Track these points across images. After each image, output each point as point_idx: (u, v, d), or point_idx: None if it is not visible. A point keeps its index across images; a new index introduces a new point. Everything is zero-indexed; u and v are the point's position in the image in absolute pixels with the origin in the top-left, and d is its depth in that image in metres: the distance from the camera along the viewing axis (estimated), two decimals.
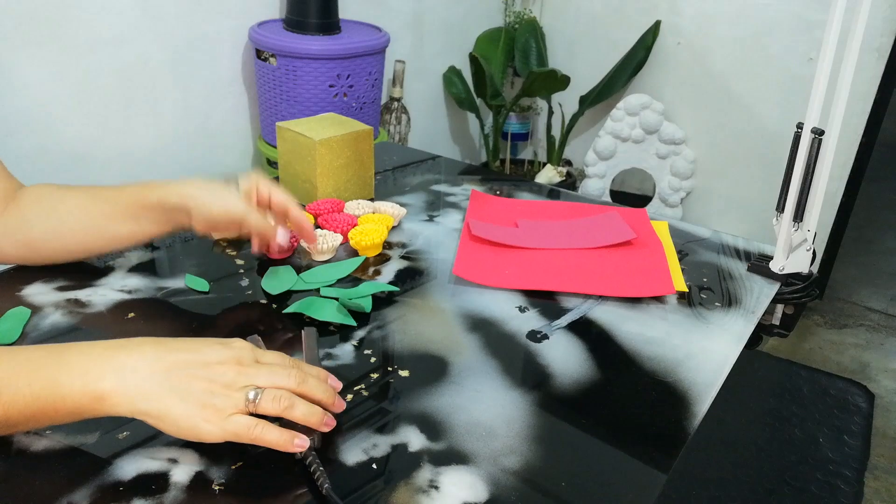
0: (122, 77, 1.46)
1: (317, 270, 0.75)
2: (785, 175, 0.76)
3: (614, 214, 0.90)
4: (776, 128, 2.06)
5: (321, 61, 1.55)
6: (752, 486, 1.48)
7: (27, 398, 0.45)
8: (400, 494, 0.47)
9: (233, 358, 0.49)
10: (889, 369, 1.92)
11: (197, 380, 0.47)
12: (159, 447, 0.50)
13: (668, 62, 2.21)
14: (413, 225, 0.89)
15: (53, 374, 0.46)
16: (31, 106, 1.35)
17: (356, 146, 0.90)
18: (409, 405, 0.56)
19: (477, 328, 0.67)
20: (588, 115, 2.34)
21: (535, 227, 0.87)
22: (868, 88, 1.88)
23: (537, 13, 2.42)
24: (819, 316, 2.15)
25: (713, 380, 0.61)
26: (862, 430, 1.67)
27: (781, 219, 0.77)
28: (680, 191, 2.27)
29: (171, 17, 1.50)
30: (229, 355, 0.49)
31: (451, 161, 1.13)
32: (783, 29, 1.96)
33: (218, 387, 0.47)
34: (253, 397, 0.47)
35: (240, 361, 0.49)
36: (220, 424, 0.46)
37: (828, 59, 0.70)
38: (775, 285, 0.78)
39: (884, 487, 1.53)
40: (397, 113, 2.06)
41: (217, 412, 0.46)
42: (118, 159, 1.51)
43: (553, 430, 0.54)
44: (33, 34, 1.31)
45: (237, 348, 0.50)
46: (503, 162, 2.46)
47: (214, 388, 0.47)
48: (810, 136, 0.72)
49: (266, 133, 1.69)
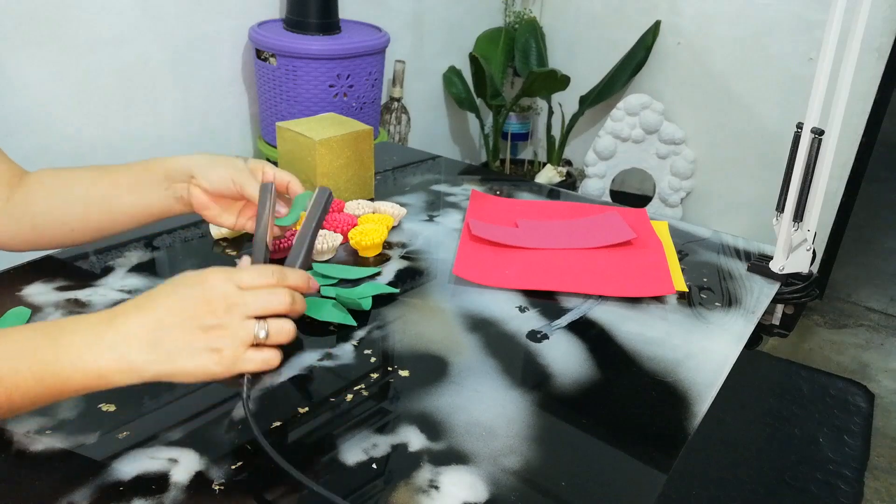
0: (122, 77, 1.46)
1: (328, 266, 0.75)
2: (785, 175, 0.76)
3: (614, 214, 0.90)
4: (776, 128, 2.06)
5: (321, 61, 1.55)
6: (752, 486, 1.48)
7: (29, 382, 0.46)
8: (400, 494, 0.47)
9: (217, 297, 0.49)
10: (889, 369, 1.92)
11: (194, 334, 0.48)
12: (159, 447, 0.50)
13: (668, 62, 2.21)
14: (413, 225, 0.89)
15: (52, 357, 0.46)
16: (32, 106, 1.35)
17: (356, 146, 0.90)
18: (409, 405, 0.56)
19: (477, 328, 0.67)
20: (588, 115, 2.34)
21: (535, 227, 0.87)
22: (868, 88, 1.88)
23: (537, 13, 2.42)
24: (819, 316, 2.15)
25: (713, 380, 0.61)
26: (862, 430, 1.67)
27: (781, 219, 0.77)
28: (680, 191, 2.27)
29: (171, 17, 1.50)
30: (213, 296, 0.49)
31: (451, 161, 1.13)
32: (783, 29, 1.96)
33: (217, 336, 0.48)
34: (264, 336, 0.49)
35: (225, 297, 0.49)
36: (232, 367, 0.48)
37: (828, 59, 0.70)
38: (775, 285, 0.78)
39: (884, 487, 1.53)
40: (397, 113, 2.06)
41: (227, 357, 0.48)
42: (118, 159, 1.50)
43: (553, 430, 0.54)
44: (33, 34, 1.31)
45: (215, 285, 0.49)
46: (503, 162, 2.46)
47: (214, 337, 0.48)
48: (810, 136, 0.72)
49: (266, 133, 1.69)
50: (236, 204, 0.68)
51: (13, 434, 0.51)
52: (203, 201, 0.66)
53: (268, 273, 0.52)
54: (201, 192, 0.65)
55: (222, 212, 0.67)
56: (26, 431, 0.51)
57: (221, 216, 0.67)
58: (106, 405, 0.54)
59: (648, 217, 0.92)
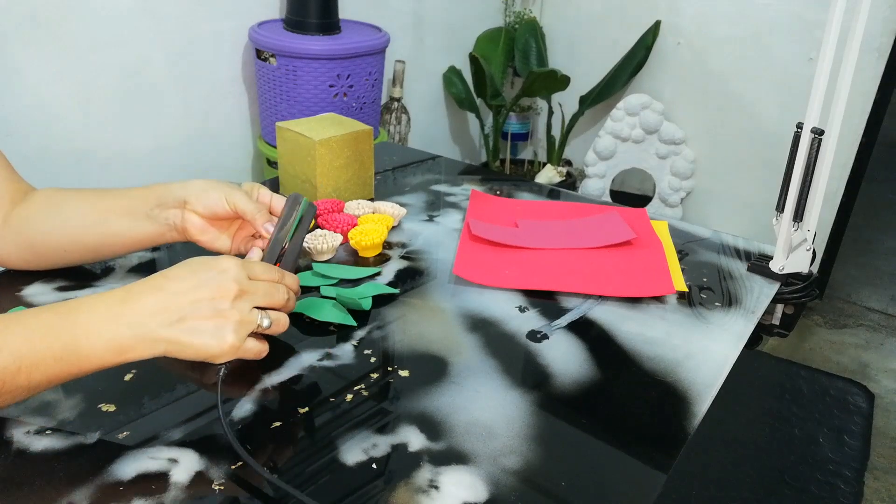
0: (122, 77, 1.46)
1: (328, 266, 0.75)
2: (785, 175, 0.76)
3: (614, 214, 0.90)
4: (776, 128, 2.06)
5: (321, 61, 1.55)
6: (752, 486, 1.48)
7: (49, 361, 0.48)
8: (400, 494, 0.47)
9: (231, 284, 0.53)
10: (889, 369, 1.92)
11: (205, 315, 0.52)
12: (159, 447, 0.50)
13: (668, 62, 2.21)
14: (413, 225, 0.89)
15: (71, 336, 0.49)
16: (32, 106, 1.35)
17: (356, 146, 0.90)
18: (409, 405, 0.56)
19: (477, 328, 0.67)
20: (588, 115, 2.34)
21: (535, 227, 0.87)
22: (868, 88, 1.88)
23: (537, 13, 2.42)
24: (819, 316, 2.15)
25: (713, 380, 0.61)
26: (862, 430, 1.67)
27: (781, 219, 0.77)
28: (680, 191, 2.27)
29: (172, 17, 1.50)
30: (226, 281, 0.53)
31: (451, 161, 1.13)
32: (783, 29, 1.96)
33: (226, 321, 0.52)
34: (267, 325, 0.55)
35: (238, 284, 0.53)
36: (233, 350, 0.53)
37: (828, 59, 0.69)
38: (775, 285, 0.78)
39: (884, 487, 1.53)
40: (397, 113, 2.06)
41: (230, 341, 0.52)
42: (118, 159, 1.51)
43: (553, 430, 0.54)
44: (34, 34, 1.31)
45: (229, 270, 0.54)
46: (503, 162, 2.46)
47: (223, 321, 0.52)
48: (810, 136, 0.72)
49: (266, 133, 1.69)
50: (232, 226, 0.69)
51: (13, 434, 0.51)
52: (199, 226, 0.66)
53: (273, 270, 0.58)
54: (197, 217, 0.66)
55: (218, 236, 0.68)
56: (26, 431, 0.51)
57: (218, 240, 0.67)
58: (106, 405, 0.54)
59: (648, 217, 0.92)
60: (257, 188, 0.69)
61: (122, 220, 0.67)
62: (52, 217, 0.68)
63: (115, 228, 0.68)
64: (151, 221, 0.67)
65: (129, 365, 0.58)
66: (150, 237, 0.68)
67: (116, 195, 0.68)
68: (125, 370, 0.58)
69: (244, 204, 0.65)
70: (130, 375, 0.58)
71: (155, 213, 0.66)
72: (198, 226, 0.66)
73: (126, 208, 0.67)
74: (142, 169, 1.56)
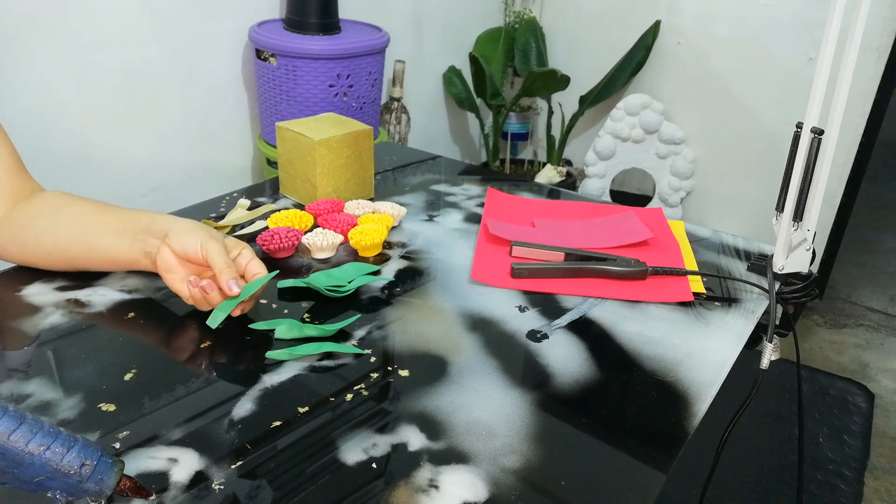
0: (122, 77, 1.46)
1: (326, 274, 0.75)
2: (784, 175, 0.76)
3: (631, 215, 0.90)
4: (776, 128, 2.06)
5: (321, 61, 1.55)
6: (751, 486, 1.48)
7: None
8: (400, 494, 0.47)
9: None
10: (889, 369, 1.92)
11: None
12: (159, 447, 0.50)
13: (668, 62, 2.21)
14: (413, 225, 0.89)
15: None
16: (32, 106, 1.35)
17: (356, 146, 0.90)
18: (409, 405, 0.56)
19: (477, 328, 0.67)
20: (588, 115, 2.34)
21: (551, 227, 0.87)
22: (868, 88, 1.88)
23: (537, 13, 2.42)
24: (819, 316, 2.16)
25: (713, 380, 0.61)
26: (862, 430, 1.67)
27: (781, 218, 0.77)
28: (680, 191, 2.27)
29: (172, 17, 1.50)
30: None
31: (451, 161, 1.13)
32: (783, 29, 1.96)
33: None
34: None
35: None
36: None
37: (828, 59, 0.69)
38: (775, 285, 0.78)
39: (884, 487, 1.53)
40: (397, 113, 2.06)
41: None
42: (118, 159, 1.51)
43: (553, 429, 0.54)
44: (34, 34, 1.31)
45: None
46: (503, 162, 2.46)
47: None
48: (810, 136, 0.72)
49: (266, 133, 1.69)
50: (204, 274, 0.66)
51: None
52: (169, 262, 0.65)
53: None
54: (169, 253, 0.65)
55: (183, 279, 0.65)
56: None
57: (180, 283, 0.65)
58: (106, 405, 0.54)
59: (665, 217, 0.92)
60: (239, 248, 0.67)
61: (107, 237, 0.67)
62: (47, 219, 0.68)
63: (98, 244, 0.68)
64: (133, 245, 0.66)
65: (130, 365, 0.59)
66: (126, 260, 0.67)
67: (112, 212, 0.69)
68: (125, 370, 0.58)
69: (215, 255, 0.64)
70: (130, 375, 0.58)
71: (140, 238, 0.66)
72: (167, 261, 0.64)
73: (116, 227, 0.67)
74: (142, 169, 1.56)
